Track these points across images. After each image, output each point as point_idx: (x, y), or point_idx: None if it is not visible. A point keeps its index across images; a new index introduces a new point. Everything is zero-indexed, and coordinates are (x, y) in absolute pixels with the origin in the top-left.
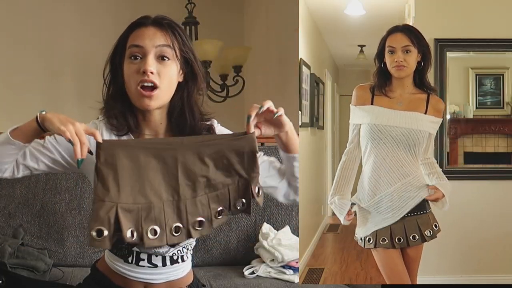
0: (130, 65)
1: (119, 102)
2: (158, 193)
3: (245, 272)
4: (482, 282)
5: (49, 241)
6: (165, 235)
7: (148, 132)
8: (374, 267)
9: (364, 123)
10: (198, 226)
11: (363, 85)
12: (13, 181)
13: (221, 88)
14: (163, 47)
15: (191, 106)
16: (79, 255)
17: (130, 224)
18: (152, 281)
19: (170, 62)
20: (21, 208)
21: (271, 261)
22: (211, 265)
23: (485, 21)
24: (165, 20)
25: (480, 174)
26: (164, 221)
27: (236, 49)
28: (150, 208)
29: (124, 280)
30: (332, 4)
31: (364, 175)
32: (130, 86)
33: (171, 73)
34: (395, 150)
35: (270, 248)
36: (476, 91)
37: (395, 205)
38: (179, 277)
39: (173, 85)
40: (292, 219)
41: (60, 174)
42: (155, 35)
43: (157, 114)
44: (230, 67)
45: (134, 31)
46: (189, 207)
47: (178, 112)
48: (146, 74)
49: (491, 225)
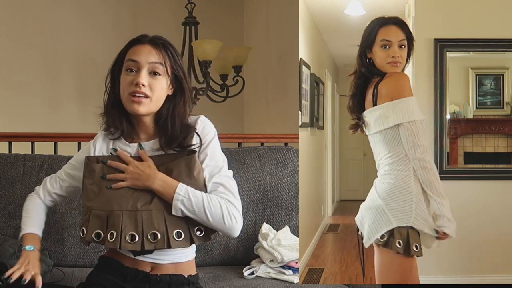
0: (126, 77)
1: (116, 109)
2: (120, 203)
3: (245, 273)
4: (482, 282)
5: (49, 241)
6: (119, 241)
7: (143, 136)
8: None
9: (422, 118)
10: (153, 239)
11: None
12: (13, 181)
13: (221, 88)
14: (156, 64)
15: (173, 116)
16: (79, 255)
17: (97, 227)
18: (159, 261)
19: (160, 77)
20: (21, 208)
21: (270, 262)
22: (210, 265)
23: (485, 21)
24: (160, 40)
25: (480, 174)
26: (120, 228)
27: (236, 49)
28: (112, 215)
29: (133, 261)
30: (332, 4)
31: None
32: (123, 94)
33: (160, 87)
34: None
35: (269, 248)
36: (476, 91)
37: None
38: (183, 261)
39: (161, 97)
40: (292, 219)
41: None
42: (150, 52)
43: (147, 120)
44: (230, 67)
45: (133, 47)
46: (145, 219)
47: (163, 121)
48: (139, 86)
49: (491, 225)
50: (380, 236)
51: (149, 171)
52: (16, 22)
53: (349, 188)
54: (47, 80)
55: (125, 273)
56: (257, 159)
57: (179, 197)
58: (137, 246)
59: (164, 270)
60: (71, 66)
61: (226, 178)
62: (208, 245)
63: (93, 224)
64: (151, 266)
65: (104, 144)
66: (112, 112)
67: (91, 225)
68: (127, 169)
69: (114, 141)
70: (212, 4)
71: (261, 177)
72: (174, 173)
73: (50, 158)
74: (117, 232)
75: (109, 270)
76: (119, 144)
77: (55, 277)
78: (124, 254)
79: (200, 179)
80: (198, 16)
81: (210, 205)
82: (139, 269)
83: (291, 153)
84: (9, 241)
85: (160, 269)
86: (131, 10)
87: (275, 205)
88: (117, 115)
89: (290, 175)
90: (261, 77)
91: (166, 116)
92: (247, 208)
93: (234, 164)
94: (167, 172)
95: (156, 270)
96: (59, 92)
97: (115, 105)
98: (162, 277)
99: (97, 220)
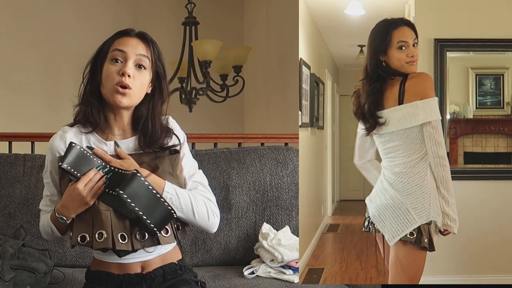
0: (111, 66)
1: (96, 99)
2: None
3: (245, 272)
4: (482, 282)
5: (49, 241)
6: (111, 241)
7: (117, 132)
8: (374, 267)
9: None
10: (141, 238)
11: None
12: (13, 181)
13: (221, 88)
14: (142, 57)
15: (154, 116)
16: (79, 255)
17: (82, 229)
18: (147, 257)
19: (145, 71)
20: (21, 208)
21: (271, 261)
22: (210, 265)
23: (485, 21)
24: (148, 36)
25: (480, 174)
26: (111, 227)
27: (236, 49)
28: (99, 215)
29: (121, 267)
30: (332, 4)
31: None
32: (107, 84)
33: (144, 80)
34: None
35: (270, 248)
36: (476, 91)
37: None
38: (168, 250)
39: (143, 91)
40: (292, 219)
41: None
42: (138, 44)
43: (125, 115)
44: (230, 67)
45: (120, 38)
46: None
47: (143, 121)
48: (125, 76)
49: (490, 225)
50: (409, 234)
51: (134, 168)
52: (16, 22)
53: (349, 188)
54: (47, 80)
55: (118, 282)
56: (257, 159)
57: (168, 195)
58: (128, 246)
59: (154, 265)
60: (71, 66)
61: (202, 177)
62: (208, 245)
63: (77, 227)
64: (141, 266)
65: (75, 139)
66: (91, 101)
67: (75, 228)
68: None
69: (87, 136)
70: (212, 4)
71: (261, 177)
72: (159, 170)
73: None
74: (107, 231)
75: (102, 282)
76: (93, 140)
77: (55, 278)
78: (110, 262)
79: (181, 177)
80: (198, 16)
81: (197, 203)
82: (131, 272)
83: (291, 153)
84: (9, 241)
85: (150, 265)
86: (131, 10)
87: (275, 205)
88: (96, 104)
89: (290, 175)
90: (261, 77)
91: (147, 115)
92: (247, 208)
93: (234, 164)
94: (151, 169)
95: (147, 268)
96: (59, 92)
97: (94, 95)
98: (155, 272)
99: (81, 222)
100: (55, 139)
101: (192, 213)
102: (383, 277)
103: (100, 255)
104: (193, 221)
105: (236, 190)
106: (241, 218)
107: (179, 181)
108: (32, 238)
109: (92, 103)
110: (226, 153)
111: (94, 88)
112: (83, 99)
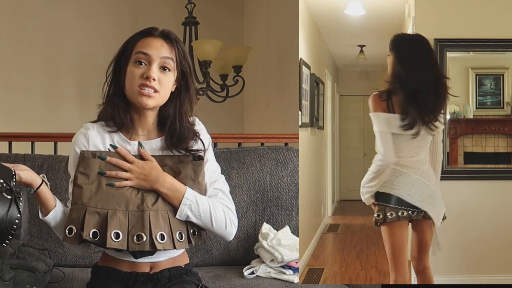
0: (135, 69)
1: (121, 99)
2: (124, 202)
3: (245, 272)
4: (482, 282)
5: (49, 241)
6: (127, 242)
7: (141, 132)
8: (374, 267)
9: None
10: (161, 239)
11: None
12: None
13: (221, 88)
14: (167, 59)
15: (181, 115)
16: (79, 255)
17: (95, 225)
18: (158, 259)
19: (170, 73)
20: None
21: (271, 261)
22: (211, 265)
23: (485, 21)
24: (171, 35)
25: (480, 174)
26: (128, 228)
27: (236, 49)
28: (116, 215)
29: (131, 265)
30: (332, 4)
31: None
32: (132, 86)
33: (169, 82)
34: None
35: (270, 248)
36: (476, 91)
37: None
38: (178, 254)
39: (168, 93)
40: (292, 219)
41: (60, 174)
42: (162, 46)
43: (149, 115)
44: (230, 67)
45: (143, 38)
46: (152, 219)
47: (171, 120)
48: (149, 79)
49: (490, 225)
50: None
51: (156, 172)
52: (16, 22)
53: (349, 188)
54: (47, 80)
55: (125, 279)
56: (257, 159)
57: (187, 202)
58: (144, 246)
59: (162, 267)
60: (71, 66)
61: (224, 184)
62: (208, 245)
63: (89, 222)
64: (150, 266)
65: (98, 137)
66: (116, 102)
67: (87, 223)
68: (131, 168)
69: (112, 135)
70: (212, 4)
71: (261, 177)
72: (181, 175)
73: (50, 158)
74: (123, 232)
75: (108, 279)
76: (117, 139)
77: (55, 277)
78: (121, 259)
79: (203, 184)
80: (198, 16)
81: (216, 212)
82: (139, 271)
83: (291, 153)
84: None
85: (159, 266)
86: (131, 10)
87: (275, 205)
88: (122, 105)
89: (290, 175)
90: (261, 77)
91: (174, 114)
92: (247, 208)
93: (234, 164)
94: (173, 173)
95: (155, 268)
96: (59, 92)
97: (120, 96)
98: (162, 273)
99: (94, 218)
100: (78, 137)
101: (210, 222)
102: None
103: (113, 252)
104: (210, 229)
105: (236, 190)
106: (241, 218)
107: (200, 187)
108: (31, 237)
109: (119, 104)
110: (226, 153)
111: (118, 88)
112: (108, 99)
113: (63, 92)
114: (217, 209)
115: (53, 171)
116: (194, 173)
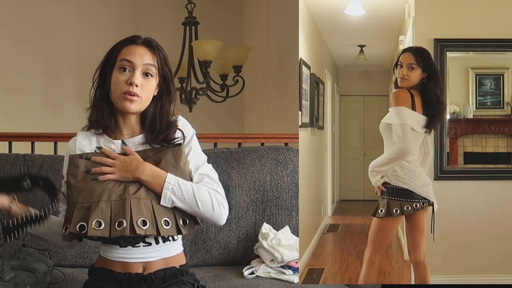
0: (119, 75)
1: (106, 104)
2: (107, 193)
3: (245, 272)
4: (482, 282)
5: (49, 241)
6: (109, 229)
7: (126, 132)
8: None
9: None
10: (142, 225)
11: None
12: None
13: (221, 88)
14: (149, 66)
15: (162, 116)
16: (79, 255)
17: (81, 219)
18: (150, 259)
19: (152, 78)
20: None
21: (270, 261)
22: (210, 265)
23: (485, 21)
24: (153, 43)
25: (480, 174)
26: (110, 216)
27: (236, 49)
28: (98, 206)
29: (124, 265)
30: (332, 4)
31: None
32: (116, 92)
33: (151, 87)
34: None
35: (270, 248)
36: (476, 91)
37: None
38: (172, 255)
39: (150, 97)
40: (292, 219)
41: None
42: (145, 54)
43: (133, 118)
44: (230, 67)
45: (127, 46)
46: (134, 206)
47: (151, 119)
48: (133, 86)
49: (491, 225)
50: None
51: (136, 162)
52: (16, 22)
53: (349, 188)
54: (47, 80)
55: (119, 280)
56: (257, 159)
57: (169, 185)
58: (124, 231)
59: (156, 267)
60: (71, 66)
61: (210, 170)
62: (208, 245)
63: (77, 217)
64: (142, 267)
65: (85, 140)
66: (102, 107)
67: (75, 218)
68: (114, 163)
69: (98, 137)
70: (212, 4)
71: (261, 177)
72: (161, 163)
73: (50, 158)
74: (105, 221)
75: (103, 279)
76: (102, 141)
77: (55, 278)
78: (114, 260)
79: (186, 170)
80: (198, 16)
81: (200, 193)
82: (132, 272)
83: (291, 153)
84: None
85: (152, 267)
86: (131, 10)
87: (275, 205)
88: (107, 109)
89: (290, 175)
90: (261, 77)
91: (154, 114)
92: (247, 208)
93: (234, 164)
94: (154, 163)
95: (148, 269)
96: (59, 92)
97: (105, 100)
98: (155, 273)
99: (80, 212)
100: (69, 145)
101: (195, 203)
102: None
103: (105, 251)
104: (197, 212)
105: (236, 190)
106: (241, 218)
107: (183, 174)
108: (32, 238)
109: (103, 108)
110: (226, 153)
111: (103, 93)
112: (94, 103)
113: (63, 92)
114: (201, 190)
115: (53, 171)
116: (175, 159)
